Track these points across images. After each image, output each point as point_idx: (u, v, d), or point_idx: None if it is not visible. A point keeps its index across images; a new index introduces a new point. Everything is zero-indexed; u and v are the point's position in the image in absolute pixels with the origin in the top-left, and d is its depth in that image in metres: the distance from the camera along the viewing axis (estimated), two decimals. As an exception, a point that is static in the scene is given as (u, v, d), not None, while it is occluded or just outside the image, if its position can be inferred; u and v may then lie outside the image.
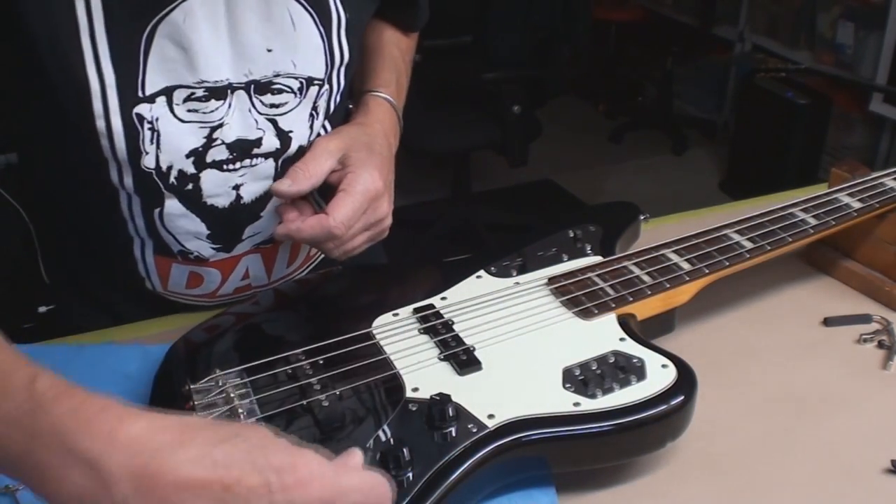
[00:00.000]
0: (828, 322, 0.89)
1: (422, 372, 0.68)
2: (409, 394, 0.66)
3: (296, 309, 0.82)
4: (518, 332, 0.73)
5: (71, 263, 0.96)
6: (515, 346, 0.72)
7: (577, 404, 0.65)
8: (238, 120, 0.79)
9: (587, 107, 4.43)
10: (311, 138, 0.86)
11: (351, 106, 0.95)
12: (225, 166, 0.80)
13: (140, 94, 0.75)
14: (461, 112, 2.88)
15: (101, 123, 0.75)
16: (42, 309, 2.56)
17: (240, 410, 0.64)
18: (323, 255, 0.97)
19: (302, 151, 0.84)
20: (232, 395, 0.65)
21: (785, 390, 0.79)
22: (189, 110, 0.77)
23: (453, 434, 0.62)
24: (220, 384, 0.66)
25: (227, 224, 0.85)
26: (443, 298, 0.78)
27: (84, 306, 0.95)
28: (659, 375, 0.67)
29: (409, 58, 1.05)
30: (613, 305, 0.76)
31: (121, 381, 0.76)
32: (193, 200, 0.81)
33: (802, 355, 0.84)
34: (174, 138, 0.77)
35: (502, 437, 0.62)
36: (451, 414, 0.62)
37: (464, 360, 0.69)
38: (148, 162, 0.78)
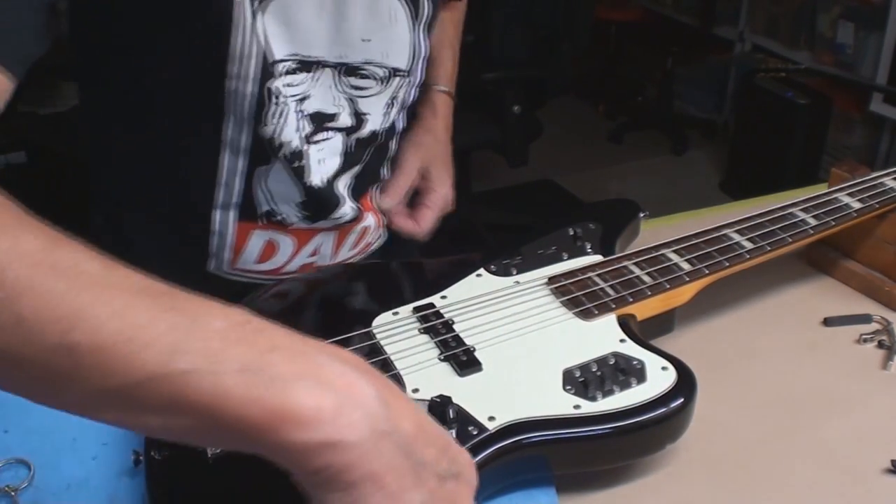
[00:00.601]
0: (828, 322, 0.89)
1: (422, 372, 0.68)
2: (409, 395, 0.66)
3: (296, 307, 0.82)
4: (518, 332, 0.73)
5: (135, 246, 0.93)
6: (516, 346, 0.72)
7: (577, 407, 0.65)
8: (317, 93, 0.82)
9: (587, 107, 4.43)
10: (385, 125, 0.89)
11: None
12: (311, 139, 0.83)
13: (271, 69, 0.77)
14: (461, 112, 2.87)
15: (230, 84, 0.77)
16: (42, 309, 2.56)
17: (240, 411, 0.64)
18: (376, 245, 1.01)
19: (374, 136, 0.88)
20: (232, 395, 0.65)
21: (785, 390, 0.79)
22: (287, 84, 0.79)
23: (454, 436, 0.62)
24: (220, 384, 0.66)
25: (321, 200, 0.87)
26: (443, 297, 0.78)
27: None
28: (659, 378, 0.67)
29: (460, 26, 1.13)
30: (613, 306, 0.76)
31: (121, 381, 0.76)
32: (298, 176, 0.84)
33: (802, 355, 0.84)
34: (289, 115, 0.80)
35: (503, 440, 0.62)
36: (451, 416, 0.62)
37: (464, 360, 0.69)
38: (266, 131, 0.80)
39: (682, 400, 0.66)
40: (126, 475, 0.66)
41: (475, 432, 0.62)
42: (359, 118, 0.86)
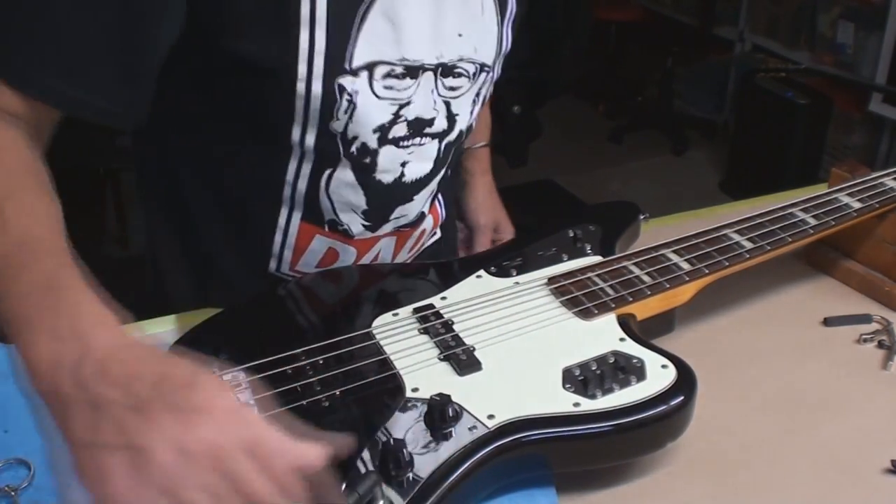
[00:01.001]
0: (828, 322, 0.89)
1: (422, 372, 0.68)
2: (409, 394, 0.66)
3: (296, 309, 0.82)
4: (518, 332, 0.73)
5: (198, 232, 0.93)
6: (515, 346, 0.72)
7: (577, 405, 0.65)
8: (421, 99, 0.81)
9: (587, 107, 4.43)
10: (470, 122, 0.89)
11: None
12: (401, 143, 0.83)
13: (346, 66, 0.76)
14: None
15: (301, 86, 0.76)
16: (42, 309, 2.56)
17: (240, 410, 0.64)
18: (428, 244, 1.01)
19: (460, 136, 0.88)
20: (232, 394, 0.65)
21: (785, 390, 0.79)
22: (386, 87, 0.79)
23: (453, 434, 0.62)
24: (220, 384, 0.66)
25: (384, 202, 0.87)
26: (443, 298, 0.78)
27: (200, 278, 0.94)
28: (659, 376, 0.67)
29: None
30: (613, 305, 0.76)
31: (121, 381, 0.76)
32: (365, 173, 0.84)
33: (802, 355, 0.84)
34: (366, 112, 0.79)
35: (502, 438, 0.62)
36: (451, 414, 0.62)
37: (464, 360, 0.69)
38: (336, 127, 0.79)
39: (682, 398, 0.66)
40: (126, 475, 0.66)
41: (475, 430, 0.62)
42: (451, 120, 0.86)
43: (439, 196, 0.97)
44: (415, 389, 0.67)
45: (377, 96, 0.79)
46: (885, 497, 0.68)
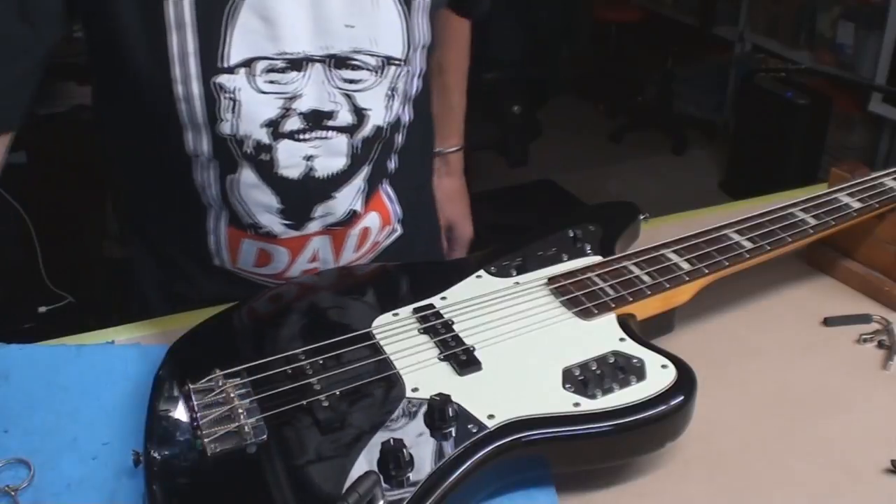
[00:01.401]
0: (828, 322, 0.89)
1: (422, 372, 0.68)
2: (408, 394, 0.66)
3: (296, 309, 0.82)
4: (518, 332, 0.73)
5: (151, 232, 0.97)
6: (515, 346, 0.72)
7: (576, 404, 0.65)
8: (314, 91, 0.81)
9: (587, 107, 4.43)
10: (389, 119, 0.88)
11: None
12: (298, 136, 0.82)
13: (221, 64, 0.77)
14: (461, 112, 2.88)
15: (179, 89, 0.77)
16: (42, 309, 2.56)
17: (240, 410, 0.64)
18: (388, 243, 1.00)
19: (378, 132, 0.87)
20: (232, 395, 0.65)
21: (785, 390, 0.79)
22: (268, 81, 0.79)
23: (453, 434, 0.62)
24: (220, 384, 0.66)
25: (298, 198, 0.86)
26: (443, 298, 0.78)
27: (166, 274, 0.97)
28: (659, 376, 0.67)
29: (463, 72, 1.22)
30: (613, 305, 0.76)
31: (121, 381, 0.76)
32: (267, 171, 0.83)
33: (802, 355, 0.84)
34: (252, 108, 0.79)
35: (502, 438, 0.62)
36: (451, 414, 0.62)
37: (464, 360, 0.69)
38: (224, 128, 0.80)
39: (682, 397, 0.66)
40: (126, 475, 0.66)
41: (475, 430, 0.62)
42: (360, 115, 0.85)
43: (388, 191, 0.95)
44: (415, 389, 0.67)
45: (260, 91, 0.79)
46: (885, 497, 0.68)
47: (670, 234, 0.85)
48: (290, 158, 0.83)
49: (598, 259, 0.84)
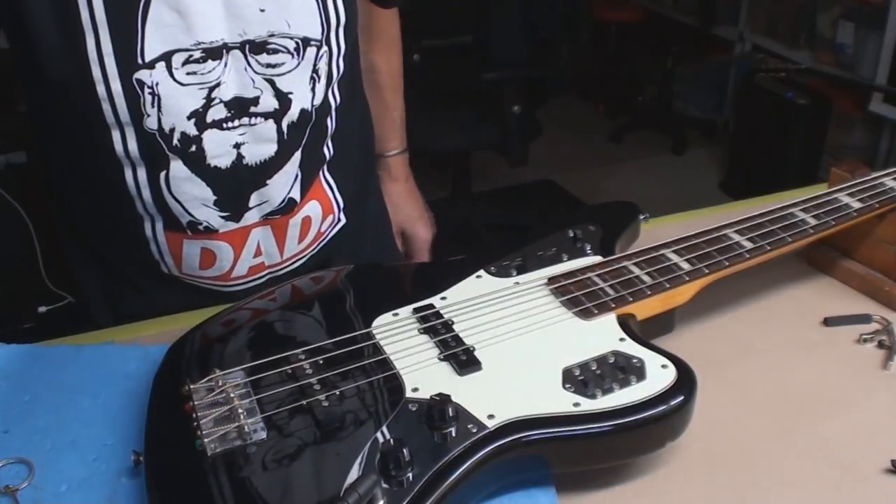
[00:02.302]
0: (828, 322, 0.89)
1: (422, 372, 0.68)
2: (408, 394, 0.66)
3: (295, 309, 0.82)
4: (518, 332, 0.73)
5: (98, 249, 0.97)
6: (515, 346, 0.72)
7: (576, 404, 0.65)
8: (235, 79, 0.82)
9: (587, 107, 4.43)
10: (315, 102, 0.88)
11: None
12: (224, 125, 0.83)
13: (139, 60, 0.77)
14: (461, 112, 2.88)
15: (101, 88, 0.78)
16: (42, 309, 2.56)
17: (240, 410, 0.64)
18: (333, 233, 1.00)
19: (305, 116, 0.87)
20: (232, 394, 0.65)
21: (785, 390, 0.79)
22: (188, 73, 0.79)
23: (453, 434, 0.62)
24: (220, 384, 0.66)
25: (231, 187, 0.86)
26: (443, 298, 0.78)
27: (117, 288, 0.97)
28: (659, 376, 0.67)
29: (394, 69, 1.15)
30: (613, 305, 0.76)
31: (121, 381, 0.76)
32: (197, 162, 0.83)
33: (802, 355, 0.84)
34: (175, 101, 0.80)
35: (502, 438, 0.62)
36: (451, 414, 0.62)
37: (464, 360, 0.69)
38: (150, 124, 0.80)
39: (682, 397, 0.66)
40: (126, 475, 0.66)
41: (475, 430, 0.62)
42: (283, 99, 0.85)
43: (328, 180, 0.95)
44: (415, 389, 0.67)
45: (180, 83, 0.80)
46: (885, 497, 0.68)
47: (670, 234, 0.85)
48: (219, 148, 0.83)
49: (598, 259, 0.84)
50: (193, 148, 0.82)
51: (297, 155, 0.89)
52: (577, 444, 0.64)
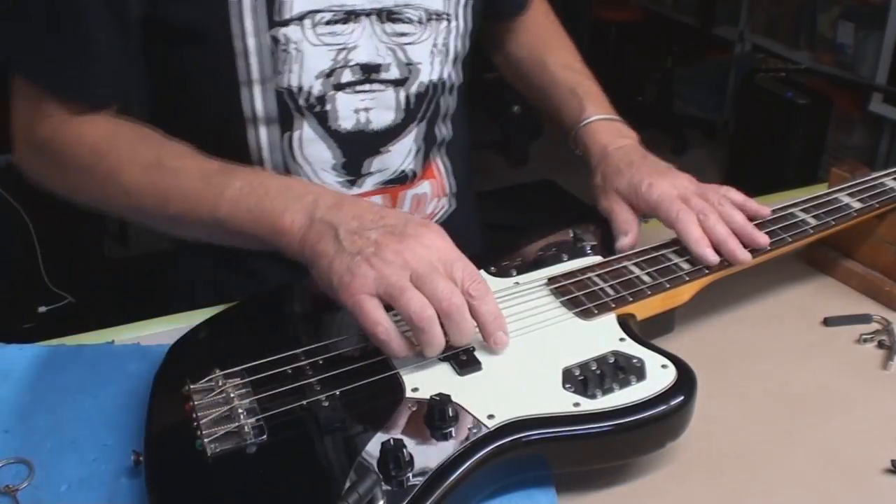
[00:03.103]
0: (828, 322, 0.89)
1: (421, 372, 0.68)
2: (408, 394, 0.66)
3: (296, 309, 0.82)
4: (518, 331, 0.73)
5: None
6: (515, 346, 0.72)
7: (576, 404, 0.65)
8: (365, 44, 0.84)
9: (587, 107, 4.42)
10: (436, 76, 0.90)
11: (578, 152, 1.00)
12: (352, 88, 0.85)
13: (278, 17, 0.79)
14: (461, 112, 2.88)
15: (238, 44, 0.80)
16: (42, 309, 2.56)
17: (240, 410, 0.64)
18: (442, 217, 1.01)
19: (427, 88, 0.90)
20: (232, 395, 0.65)
21: (785, 390, 0.79)
22: (323, 34, 0.82)
23: (453, 434, 0.62)
24: (220, 384, 0.66)
25: (354, 152, 0.89)
26: (443, 298, 0.78)
27: (225, 273, 0.97)
28: (659, 376, 0.67)
29: (560, 31, 1.14)
30: (613, 305, 0.76)
31: (121, 381, 0.76)
32: (323, 123, 0.86)
33: (802, 355, 0.84)
34: (308, 60, 0.83)
35: (502, 438, 0.62)
36: (450, 414, 0.62)
37: (463, 360, 0.69)
38: (282, 82, 0.82)
39: (682, 397, 0.66)
40: (126, 475, 0.66)
41: (474, 430, 0.62)
42: (408, 68, 0.87)
43: (439, 161, 0.97)
44: (415, 389, 0.67)
45: (315, 43, 0.82)
46: (885, 497, 0.68)
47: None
48: (345, 110, 0.86)
49: (598, 259, 0.84)
50: (322, 108, 0.85)
51: (416, 127, 0.92)
52: (577, 444, 0.64)
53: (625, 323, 0.75)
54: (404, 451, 0.58)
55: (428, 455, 0.60)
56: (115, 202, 0.80)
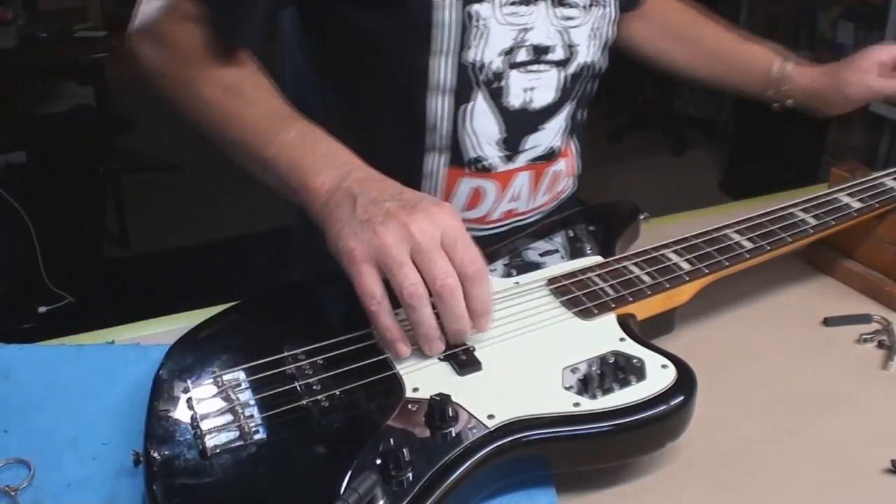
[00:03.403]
0: (828, 322, 0.89)
1: (422, 372, 0.68)
2: (409, 394, 0.66)
3: (296, 309, 0.82)
4: (518, 332, 0.73)
5: None
6: (515, 346, 0.72)
7: (577, 404, 0.65)
8: (539, 26, 0.90)
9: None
10: (590, 59, 0.97)
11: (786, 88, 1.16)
12: (524, 67, 0.91)
13: None
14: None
15: (437, 14, 0.85)
16: (42, 309, 2.56)
17: (240, 410, 0.64)
18: (564, 197, 1.07)
19: (582, 69, 0.96)
20: (232, 394, 0.65)
21: (785, 390, 0.79)
22: (508, 13, 0.88)
23: (453, 434, 0.62)
24: (221, 384, 0.66)
25: (516, 128, 0.94)
26: (443, 298, 0.78)
27: None
28: (659, 376, 0.67)
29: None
30: (613, 305, 0.76)
31: (121, 381, 0.76)
32: (497, 99, 0.91)
33: (802, 355, 0.84)
34: (494, 37, 0.88)
35: (502, 438, 0.62)
36: (451, 414, 0.62)
37: (464, 360, 0.69)
38: (469, 56, 0.88)
39: (682, 397, 0.66)
40: (126, 475, 0.66)
41: (474, 430, 0.62)
42: (570, 50, 0.92)
43: (573, 143, 1.03)
44: (415, 389, 0.67)
45: (501, 23, 0.88)
46: (885, 497, 0.68)
47: (670, 234, 0.85)
48: (516, 88, 0.91)
49: (598, 259, 0.84)
50: (497, 84, 0.90)
51: (568, 106, 0.97)
52: (578, 444, 0.64)
53: (625, 323, 0.75)
54: (404, 451, 0.58)
55: (428, 455, 0.60)
56: (194, 112, 0.84)
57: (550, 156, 0.99)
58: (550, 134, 0.97)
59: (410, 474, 0.58)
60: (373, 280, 0.68)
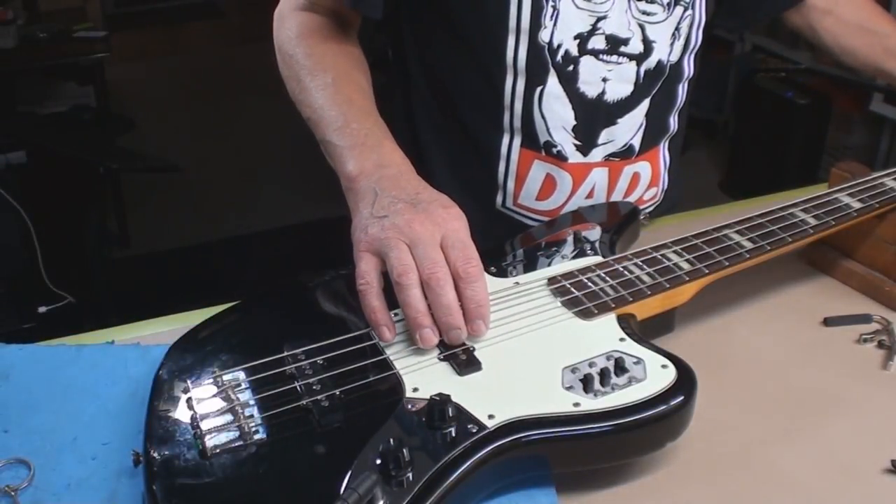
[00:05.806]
0: (828, 322, 0.89)
1: (421, 372, 0.68)
2: (408, 394, 0.66)
3: (296, 309, 0.82)
4: (518, 332, 0.73)
5: (438, 173, 1.03)
6: (515, 346, 0.72)
7: (576, 404, 0.65)
8: (616, 17, 0.92)
9: (587, 107, 4.42)
10: (671, 59, 0.97)
11: None
12: (599, 56, 0.93)
13: None
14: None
15: None
16: (42, 309, 2.56)
17: (240, 410, 0.64)
18: (650, 207, 1.07)
19: (661, 66, 0.96)
20: (232, 394, 0.65)
21: (785, 390, 0.79)
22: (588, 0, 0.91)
23: (453, 434, 0.62)
24: (220, 384, 0.66)
25: (589, 117, 0.95)
26: (443, 298, 0.78)
27: None
28: (659, 375, 0.67)
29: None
30: (613, 305, 0.76)
31: (121, 381, 0.76)
32: (570, 83, 0.94)
33: (802, 355, 0.84)
34: (568, 19, 0.91)
35: (502, 438, 0.62)
36: (451, 414, 0.62)
37: (463, 360, 0.69)
38: (543, 36, 0.91)
39: (682, 397, 0.66)
40: (126, 475, 0.66)
41: (474, 430, 0.62)
42: (647, 45, 0.93)
43: (663, 152, 1.03)
44: (415, 389, 0.67)
45: (576, 6, 0.90)
46: (885, 497, 0.68)
47: (670, 234, 0.85)
48: (590, 75, 0.94)
49: (598, 259, 0.84)
50: (571, 68, 0.93)
51: (646, 102, 0.97)
52: (578, 444, 0.64)
53: (625, 323, 0.75)
54: (404, 450, 0.58)
55: (428, 455, 0.60)
56: (292, 82, 0.93)
57: (628, 154, 0.99)
58: (626, 129, 0.98)
59: (410, 474, 0.58)
60: (369, 265, 0.72)
